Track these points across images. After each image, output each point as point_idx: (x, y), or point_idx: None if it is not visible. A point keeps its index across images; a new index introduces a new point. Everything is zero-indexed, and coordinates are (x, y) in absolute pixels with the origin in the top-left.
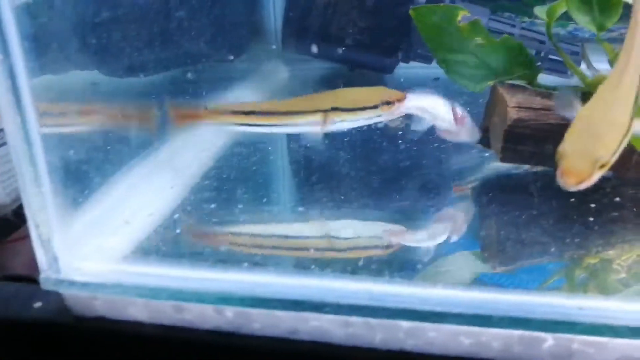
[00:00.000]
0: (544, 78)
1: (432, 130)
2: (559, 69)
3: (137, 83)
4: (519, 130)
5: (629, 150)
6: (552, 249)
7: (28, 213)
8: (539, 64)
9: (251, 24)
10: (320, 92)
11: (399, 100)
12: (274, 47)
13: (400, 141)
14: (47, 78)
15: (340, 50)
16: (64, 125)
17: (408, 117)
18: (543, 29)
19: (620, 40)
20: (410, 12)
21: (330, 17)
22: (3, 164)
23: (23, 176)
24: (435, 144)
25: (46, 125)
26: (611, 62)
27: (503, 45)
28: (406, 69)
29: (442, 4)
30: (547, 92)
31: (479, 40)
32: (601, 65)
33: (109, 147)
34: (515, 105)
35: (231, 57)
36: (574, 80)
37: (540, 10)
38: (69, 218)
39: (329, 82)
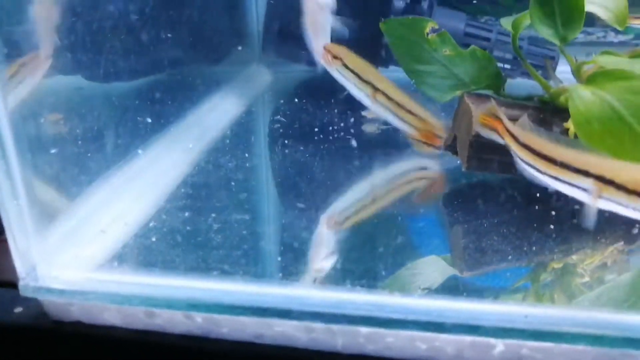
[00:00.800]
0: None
1: None
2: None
3: (120, 87)
4: (483, 140)
5: None
6: (514, 256)
7: (6, 224)
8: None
9: (234, 28)
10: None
11: None
12: (256, 50)
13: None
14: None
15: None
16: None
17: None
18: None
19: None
20: (380, 25)
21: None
22: None
23: (0, 189)
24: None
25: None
26: (574, 73)
27: (471, 55)
28: (386, 73)
29: (410, 17)
30: (513, 102)
31: (447, 51)
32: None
33: (86, 157)
34: (480, 117)
35: (213, 61)
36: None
37: (506, 22)
38: (46, 228)
39: (310, 87)
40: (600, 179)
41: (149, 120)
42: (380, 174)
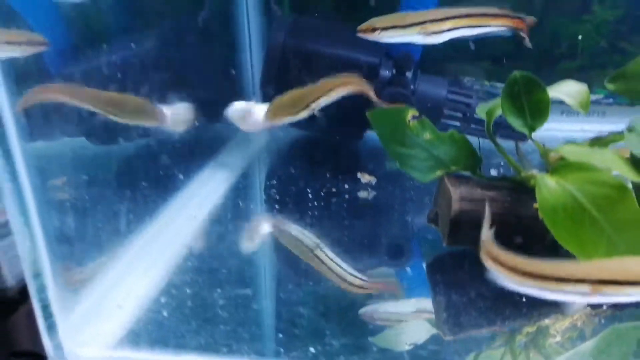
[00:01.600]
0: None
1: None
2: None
3: (124, 148)
4: (461, 219)
5: None
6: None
7: (36, 308)
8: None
9: (232, 89)
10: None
11: None
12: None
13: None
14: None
15: (312, 120)
16: None
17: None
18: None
19: None
20: (367, 114)
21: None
22: (9, 251)
23: (28, 273)
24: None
25: None
26: (543, 157)
27: (449, 138)
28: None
29: (394, 107)
30: (488, 182)
31: (427, 135)
32: None
33: (101, 230)
34: (458, 197)
35: (212, 121)
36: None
37: (480, 110)
38: (70, 306)
39: (304, 147)
40: (598, 282)
41: (155, 184)
42: (372, 244)
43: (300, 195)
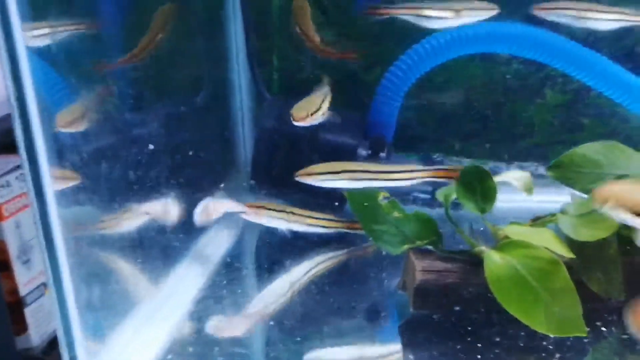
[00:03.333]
0: None
1: None
2: None
3: None
4: (425, 288)
5: None
6: None
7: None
8: None
9: (225, 165)
10: None
11: None
12: (244, 184)
13: None
14: None
15: (300, 197)
16: None
17: None
18: None
19: None
20: (346, 194)
21: (290, 171)
22: (36, 314)
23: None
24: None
25: None
26: (493, 235)
27: (415, 217)
28: None
29: (368, 192)
30: (449, 256)
31: (396, 214)
32: None
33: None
34: (421, 269)
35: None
36: None
37: (439, 194)
38: None
39: None
40: None
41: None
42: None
43: (287, 263)
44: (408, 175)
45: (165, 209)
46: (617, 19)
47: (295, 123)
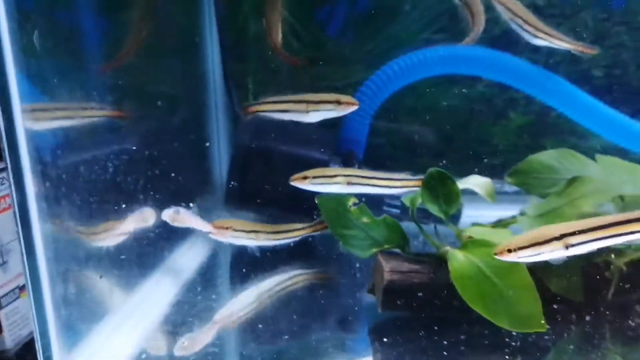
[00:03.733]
0: None
1: None
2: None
3: None
4: (392, 288)
5: None
6: None
7: None
8: None
9: (200, 181)
10: None
11: None
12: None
13: None
14: None
15: (273, 211)
16: None
17: None
18: None
19: None
20: (316, 199)
21: (264, 186)
22: (11, 317)
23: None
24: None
25: None
26: (457, 236)
27: (383, 222)
28: None
29: (338, 198)
30: (413, 258)
31: (365, 219)
32: None
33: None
34: (389, 270)
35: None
36: None
37: (405, 199)
38: None
39: None
40: None
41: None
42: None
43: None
44: (399, 183)
45: (143, 217)
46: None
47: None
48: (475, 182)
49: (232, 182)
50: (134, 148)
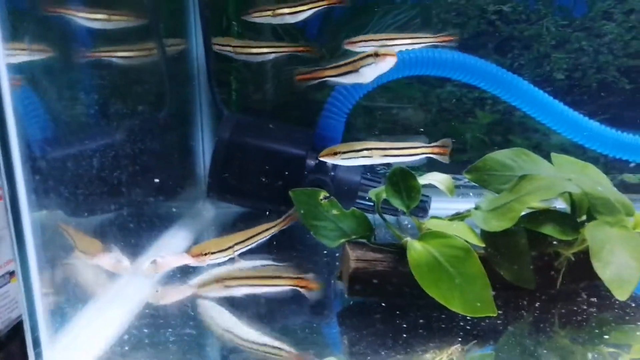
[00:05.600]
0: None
1: None
2: (418, 213)
3: (94, 220)
4: (357, 275)
5: None
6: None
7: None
8: None
9: (184, 173)
10: None
11: None
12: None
13: None
14: None
15: (252, 201)
16: None
17: None
18: None
19: None
20: (290, 192)
21: (244, 178)
22: (1, 301)
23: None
24: None
25: None
26: (419, 229)
27: (351, 214)
28: None
29: (310, 189)
30: (378, 247)
31: (334, 211)
32: None
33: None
34: (355, 258)
35: (166, 199)
36: None
37: (371, 193)
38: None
39: (248, 220)
40: None
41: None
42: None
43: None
44: (413, 151)
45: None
46: (411, 43)
47: None
48: (436, 179)
49: (213, 175)
50: (123, 142)
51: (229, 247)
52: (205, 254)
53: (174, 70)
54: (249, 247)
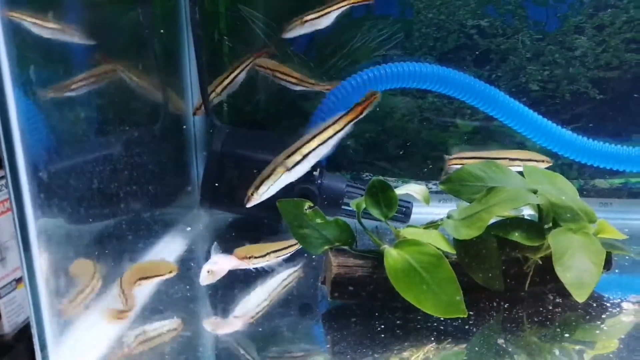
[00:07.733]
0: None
1: None
2: (400, 219)
3: (94, 227)
4: (339, 280)
5: None
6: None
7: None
8: None
9: (178, 181)
10: None
11: None
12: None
13: None
14: None
15: (243, 210)
16: None
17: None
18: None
19: None
20: (277, 203)
21: (235, 187)
22: (8, 306)
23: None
24: None
25: None
26: (396, 238)
27: (335, 223)
28: None
29: (296, 200)
30: (360, 254)
31: (318, 220)
32: None
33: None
34: (336, 264)
35: (162, 207)
36: None
37: (352, 204)
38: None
39: (239, 226)
40: None
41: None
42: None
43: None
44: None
45: None
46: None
47: None
48: (413, 189)
49: (205, 185)
50: (122, 154)
51: (267, 254)
52: (250, 257)
53: (168, 84)
54: (283, 257)
